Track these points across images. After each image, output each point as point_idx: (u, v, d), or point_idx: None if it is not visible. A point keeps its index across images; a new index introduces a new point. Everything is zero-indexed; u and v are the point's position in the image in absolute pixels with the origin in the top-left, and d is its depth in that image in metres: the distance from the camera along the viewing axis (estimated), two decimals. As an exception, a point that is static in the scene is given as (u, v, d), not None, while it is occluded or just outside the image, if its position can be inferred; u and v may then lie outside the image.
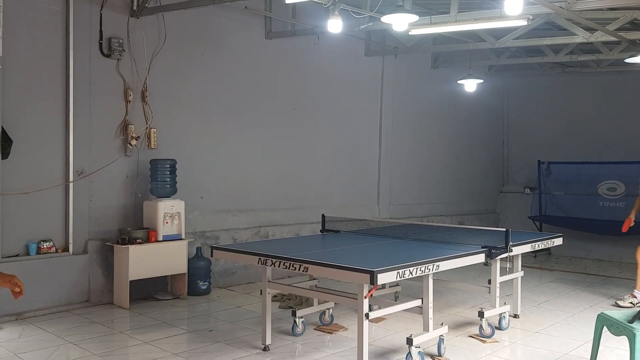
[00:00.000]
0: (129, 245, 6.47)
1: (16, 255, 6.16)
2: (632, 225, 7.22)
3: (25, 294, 6.38)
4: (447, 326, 5.06)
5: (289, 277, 7.32)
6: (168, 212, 6.81)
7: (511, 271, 6.27)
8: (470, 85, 9.94)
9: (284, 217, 8.63)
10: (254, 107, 8.28)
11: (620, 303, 6.88)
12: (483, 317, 5.51)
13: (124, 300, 6.52)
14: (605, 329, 4.28)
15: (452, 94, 11.05)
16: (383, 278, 4.13)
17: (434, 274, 4.72)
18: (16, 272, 6.06)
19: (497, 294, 5.73)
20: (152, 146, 7.12)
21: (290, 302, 6.65)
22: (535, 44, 8.49)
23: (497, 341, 5.46)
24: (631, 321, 4.09)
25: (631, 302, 6.85)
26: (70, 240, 6.51)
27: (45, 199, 6.37)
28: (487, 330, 5.54)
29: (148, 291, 6.97)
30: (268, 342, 5.15)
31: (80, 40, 6.56)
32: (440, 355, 4.94)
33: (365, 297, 4.30)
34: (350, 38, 8.86)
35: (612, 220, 10.41)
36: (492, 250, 5.20)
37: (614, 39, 7.36)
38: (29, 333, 5.57)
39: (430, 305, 4.83)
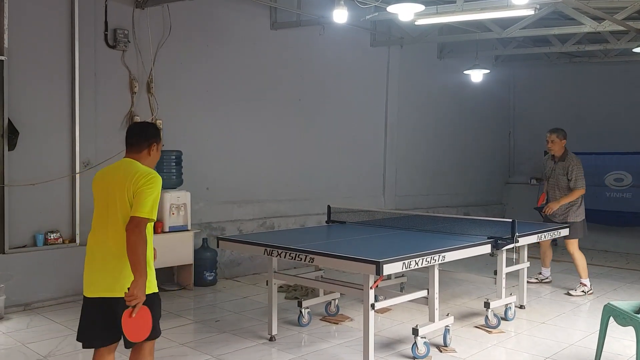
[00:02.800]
0: (135, 236, 6.47)
1: (23, 246, 6.20)
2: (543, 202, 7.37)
3: (33, 285, 6.44)
4: (452, 317, 5.07)
5: (294, 268, 7.33)
6: (174, 204, 6.83)
7: (517, 262, 6.26)
8: (476, 75, 9.88)
9: (289, 209, 8.64)
10: (259, 98, 8.27)
11: (572, 292, 6.97)
12: (489, 307, 5.51)
13: (130, 290, 6.54)
14: (611, 319, 4.27)
15: (458, 85, 11.00)
16: (389, 269, 4.13)
17: (439, 264, 4.72)
18: (24, 263, 6.18)
19: (503, 284, 5.72)
20: (158, 137, 7.12)
21: (296, 293, 6.67)
22: (542, 34, 8.42)
23: (502, 332, 5.47)
24: (638, 312, 4.09)
25: (582, 291, 6.95)
26: (77, 231, 6.53)
27: (52, 190, 6.40)
28: (493, 320, 5.54)
29: (154, 282, 6.99)
30: (274, 332, 5.17)
31: (86, 31, 6.56)
32: (446, 346, 4.95)
33: (371, 288, 4.31)
34: (356, 28, 8.82)
35: (618, 211, 10.37)
36: (498, 241, 5.20)
37: (621, 28, 7.30)
38: (36, 323, 5.61)
39: (436, 295, 4.84)
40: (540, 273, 7.63)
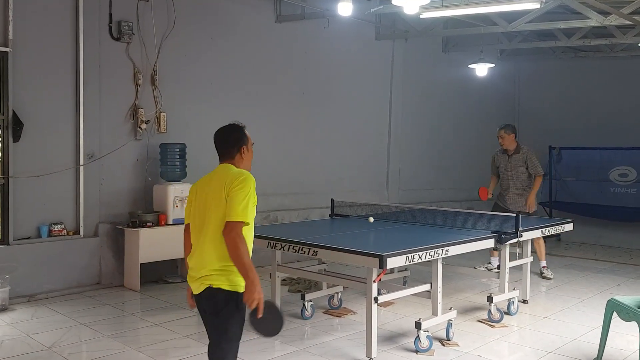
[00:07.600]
0: (139, 229, 6.51)
1: (28, 238, 6.22)
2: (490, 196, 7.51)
3: (37, 276, 6.46)
4: (455, 311, 5.06)
5: (297, 261, 7.33)
6: (178, 196, 6.84)
7: (521, 256, 6.26)
8: (481, 69, 9.86)
9: (293, 202, 8.64)
10: (263, 91, 8.26)
11: (549, 276, 7.33)
12: (492, 302, 5.50)
13: (134, 282, 6.58)
14: (615, 314, 4.27)
15: (462, 79, 10.96)
16: (392, 262, 4.14)
17: (443, 258, 4.72)
18: (28, 254, 6.20)
19: (506, 279, 5.72)
20: (162, 130, 7.13)
21: (299, 286, 6.67)
22: (548, 28, 8.38)
23: (505, 326, 5.46)
24: (641, 307, 4.08)
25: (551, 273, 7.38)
26: (81, 223, 6.56)
27: (56, 182, 6.41)
28: (496, 315, 5.54)
29: (158, 274, 7.02)
30: (277, 325, 5.17)
31: (90, 23, 6.55)
32: (449, 340, 4.95)
33: (374, 281, 4.31)
34: (361, 22, 8.79)
35: (623, 207, 10.35)
36: (502, 236, 5.19)
37: (628, 22, 7.25)
38: (40, 314, 5.63)
39: (439, 289, 4.83)
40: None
